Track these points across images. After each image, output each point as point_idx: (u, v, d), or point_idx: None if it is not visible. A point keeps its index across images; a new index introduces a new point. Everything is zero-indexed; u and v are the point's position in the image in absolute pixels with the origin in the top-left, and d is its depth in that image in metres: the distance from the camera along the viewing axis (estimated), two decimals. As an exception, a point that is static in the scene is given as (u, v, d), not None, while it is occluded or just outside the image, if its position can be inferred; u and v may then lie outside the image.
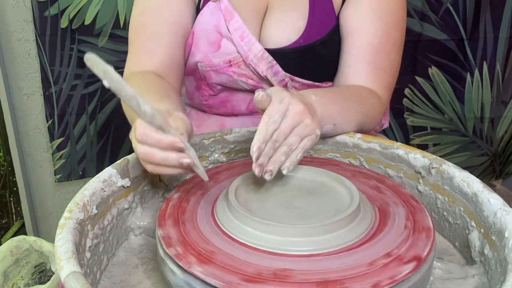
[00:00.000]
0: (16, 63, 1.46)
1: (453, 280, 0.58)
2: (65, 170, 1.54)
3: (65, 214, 0.54)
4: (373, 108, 0.82)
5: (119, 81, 0.53)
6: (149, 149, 0.57)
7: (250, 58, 0.88)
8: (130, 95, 0.54)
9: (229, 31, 0.88)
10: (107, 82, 0.52)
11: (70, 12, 1.36)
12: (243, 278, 0.48)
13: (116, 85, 0.53)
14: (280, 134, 0.60)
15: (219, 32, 0.88)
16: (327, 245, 0.52)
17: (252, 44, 0.87)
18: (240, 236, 0.54)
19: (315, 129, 0.63)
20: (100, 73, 0.52)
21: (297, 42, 0.88)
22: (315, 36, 0.88)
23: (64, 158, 1.52)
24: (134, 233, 0.68)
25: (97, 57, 0.52)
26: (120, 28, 1.38)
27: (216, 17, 0.88)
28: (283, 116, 0.61)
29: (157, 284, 0.59)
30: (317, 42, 0.88)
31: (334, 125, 0.74)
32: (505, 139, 1.47)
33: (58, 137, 1.49)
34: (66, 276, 0.45)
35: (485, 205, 0.57)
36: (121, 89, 0.53)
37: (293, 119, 0.61)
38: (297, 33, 0.88)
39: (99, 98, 1.48)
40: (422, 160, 0.68)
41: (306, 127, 0.62)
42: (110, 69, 0.52)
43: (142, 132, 0.57)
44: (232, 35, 0.87)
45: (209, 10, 0.89)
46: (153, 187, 0.71)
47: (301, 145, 0.62)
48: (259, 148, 0.58)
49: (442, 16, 1.33)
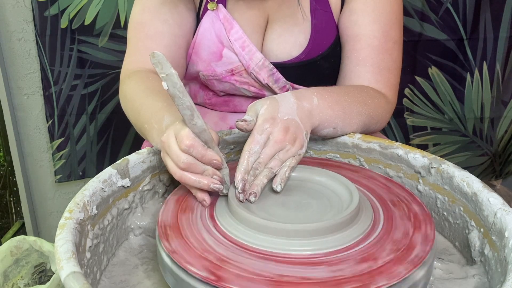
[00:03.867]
0: (16, 63, 1.46)
1: (453, 280, 0.58)
2: (65, 171, 1.54)
3: (65, 214, 0.54)
4: (379, 107, 0.82)
5: (180, 88, 0.54)
6: (193, 160, 0.60)
7: (251, 67, 0.88)
8: (187, 105, 0.55)
9: (230, 41, 0.88)
10: (167, 85, 0.53)
11: (70, 12, 1.36)
12: (242, 278, 0.48)
13: (176, 91, 0.54)
14: (260, 163, 0.63)
15: (221, 42, 0.89)
16: (328, 245, 0.52)
17: (253, 54, 0.88)
18: (240, 236, 0.54)
19: (297, 151, 0.65)
20: (163, 74, 0.53)
21: (299, 57, 0.88)
22: (317, 51, 0.88)
23: (64, 158, 1.52)
24: (134, 233, 0.68)
25: (164, 58, 0.53)
26: (120, 28, 1.38)
27: (216, 26, 0.88)
28: (263, 147, 0.64)
29: (157, 284, 0.59)
30: (318, 57, 0.88)
31: (334, 129, 0.74)
32: (505, 139, 1.47)
33: (58, 137, 1.49)
34: (66, 276, 0.45)
35: (485, 204, 0.57)
36: (180, 97, 0.54)
37: (272, 148, 0.64)
38: (299, 49, 0.88)
39: (99, 98, 1.48)
40: (421, 160, 0.68)
41: (286, 152, 0.64)
42: (175, 74, 0.53)
43: (190, 143, 0.59)
44: (233, 45, 0.88)
45: (209, 19, 0.89)
46: (153, 187, 0.71)
47: (287, 163, 0.64)
48: (243, 179, 0.60)
49: (442, 16, 1.33)
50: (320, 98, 0.71)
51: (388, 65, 0.86)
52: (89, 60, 1.42)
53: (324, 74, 0.91)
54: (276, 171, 0.63)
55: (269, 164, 0.63)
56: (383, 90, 0.86)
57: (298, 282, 0.47)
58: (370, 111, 0.79)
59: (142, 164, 0.68)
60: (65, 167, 1.53)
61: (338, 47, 0.89)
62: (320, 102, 0.71)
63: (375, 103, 0.81)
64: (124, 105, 0.84)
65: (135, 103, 0.78)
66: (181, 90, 0.54)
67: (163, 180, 0.72)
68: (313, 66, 0.89)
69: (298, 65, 0.89)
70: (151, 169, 0.70)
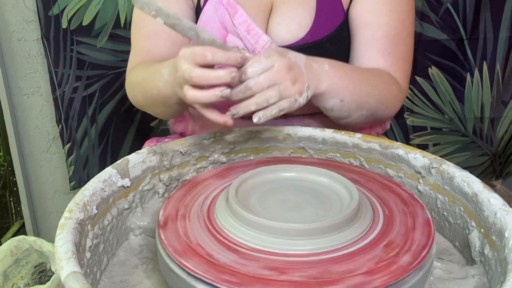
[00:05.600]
0: (16, 63, 1.45)
1: (453, 280, 0.58)
2: (76, 177, 1.50)
3: (65, 214, 0.54)
4: (391, 94, 0.82)
5: (175, 15, 0.54)
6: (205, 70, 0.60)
7: (257, 50, 0.86)
8: (188, 27, 0.55)
9: (235, 26, 0.86)
10: (161, 19, 0.53)
11: (68, 12, 1.35)
12: (240, 277, 0.48)
13: (172, 20, 0.54)
14: (256, 84, 0.62)
15: (225, 27, 0.87)
16: (327, 245, 0.52)
17: (259, 36, 0.86)
18: (240, 236, 0.54)
19: (295, 94, 0.64)
20: (152, 12, 0.53)
21: (304, 39, 0.87)
22: (323, 32, 0.87)
23: (73, 164, 1.49)
24: (134, 233, 0.68)
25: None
26: (120, 28, 1.38)
27: (220, 12, 0.87)
28: (263, 71, 0.63)
29: (157, 284, 0.59)
30: (324, 39, 0.87)
31: (341, 101, 0.73)
32: (505, 139, 1.47)
33: (67, 142, 1.46)
34: (66, 276, 0.45)
35: (485, 205, 0.57)
36: (178, 23, 0.54)
37: (272, 77, 0.62)
38: (304, 30, 0.87)
39: (98, 100, 1.45)
40: (422, 160, 0.68)
41: (286, 89, 0.63)
42: (163, 6, 0.53)
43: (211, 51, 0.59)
44: (238, 29, 0.86)
45: (211, 6, 0.88)
46: (153, 187, 0.71)
47: (279, 103, 0.63)
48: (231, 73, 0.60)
49: (442, 16, 1.33)
50: (331, 66, 0.71)
51: (403, 55, 0.87)
52: (87, 61, 1.41)
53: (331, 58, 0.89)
54: (272, 103, 0.62)
55: (267, 92, 0.62)
56: (399, 78, 0.85)
57: (298, 282, 0.47)
58: (381, 95, 0.78)
59: (142, 164, 0.68)
60: (75, 173, 1.50)
61: (345, 32, 0.88)
62: (330, 70, 0.71)
63: (388, 89, 0.81)
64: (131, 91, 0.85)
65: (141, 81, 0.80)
66: (176, 16, 0.54)
67: (163, 180, 0.72)
68: (320, 48, 0.86)
69: (304, 47, 0.86)
70: (151, 169, 0.70)
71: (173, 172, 0.73)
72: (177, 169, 0.74)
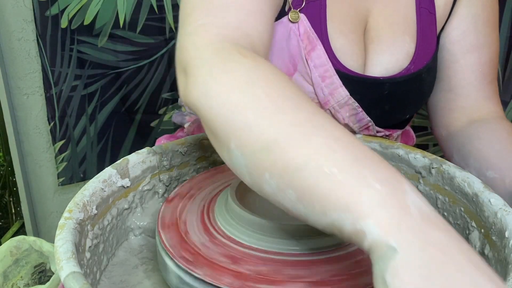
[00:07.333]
0: (16, 63, 1.46)
1: (453, 280, 0.58)
2: (67, 173, 1.53)
3: (65, 214, 0.54)
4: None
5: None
6: None
7: (330, 103, 0.72)
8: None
9: (308, 66, 0.69)
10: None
11: (69, 12, 1.36)
12: (239, 277, 0.48)
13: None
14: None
15: (293, 63, 0.69)
16: (327, 244, 0.52)
17: (336, 88, 0.70)
18: (240, 236, 0.54)
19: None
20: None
21: (408, 68, 0.75)
22: (423, 61, 0.75)
23: (66, 161, 1.51)
24: (134, 233, 0.68)
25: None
26: (119, 28, 1.38)
27: (293, 43, 0.69)
28: None
29: (157, 284, 0.59)
30: (424, 69, 0.75)
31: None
32: (505, 139, 1.47)
33: (60, 139, 1.49)
34: (66, 276, 0.45)
35: (485, 205, 0.57)
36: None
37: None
38: (408, 58, 0.75)
39: (99, 99, 1.47)
40: (422, 160, 0.68)
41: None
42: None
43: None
44: (311, 72, 0.69)
45: (284, 30, 0.68)
46: (153, 187, 0.71)
47: None
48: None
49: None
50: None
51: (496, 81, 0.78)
52: (88, 60, 1.42)
53: (424, 91, 0.79)
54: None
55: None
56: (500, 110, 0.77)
57: (242, 274, 0.48)
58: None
59: (142, 164, 0.68)
60: (67, 169, 1.53)
61: (436, 60, 0.78)
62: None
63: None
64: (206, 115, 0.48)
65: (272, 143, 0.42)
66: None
67: (163, 180, 0.72)
68: (419, 80, 0.75)
69: (407, 78, 0.74)
70: (151, 169, 0.70)
71: (173, 172, 0.73)
72: (177, 169, 0.74)
